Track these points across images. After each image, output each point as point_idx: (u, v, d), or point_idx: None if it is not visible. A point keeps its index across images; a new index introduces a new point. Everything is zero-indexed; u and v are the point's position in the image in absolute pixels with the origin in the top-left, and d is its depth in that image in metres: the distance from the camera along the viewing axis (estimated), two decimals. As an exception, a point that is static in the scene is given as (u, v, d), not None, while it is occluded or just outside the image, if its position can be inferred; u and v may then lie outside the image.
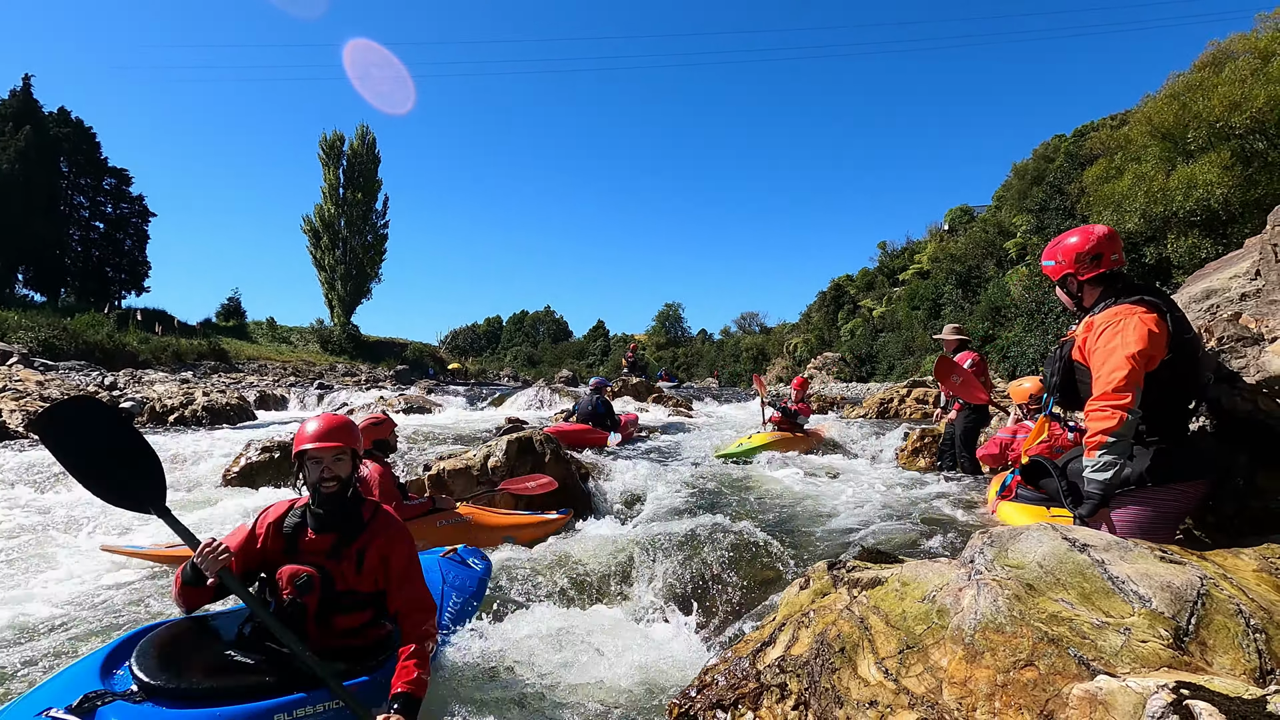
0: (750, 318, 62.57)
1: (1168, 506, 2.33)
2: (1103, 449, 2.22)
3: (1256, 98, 15.64)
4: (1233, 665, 1.50)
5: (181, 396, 12.55)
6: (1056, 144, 32.39)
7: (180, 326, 30.51)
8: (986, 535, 1.93)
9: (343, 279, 39.05)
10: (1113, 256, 2.52)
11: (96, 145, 35.75)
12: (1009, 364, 21.79)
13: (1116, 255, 2.53)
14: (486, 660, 2.49)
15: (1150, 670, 1.46)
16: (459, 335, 79.92)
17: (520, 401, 16.50)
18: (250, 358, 29.46)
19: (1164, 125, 17.84)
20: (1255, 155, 16.47)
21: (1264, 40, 17.11)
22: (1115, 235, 2.56)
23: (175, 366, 23.34)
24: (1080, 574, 1.71)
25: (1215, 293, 2.92)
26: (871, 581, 1.96)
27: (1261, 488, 2.43)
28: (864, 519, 4.39)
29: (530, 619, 2.89)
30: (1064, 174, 26.09)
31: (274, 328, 38.82)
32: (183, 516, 5.11)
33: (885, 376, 32.38)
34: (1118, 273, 2.53)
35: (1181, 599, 1.60)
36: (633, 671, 2.34)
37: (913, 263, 41.58)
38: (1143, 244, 18.65)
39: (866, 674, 1.67)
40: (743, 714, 1.79)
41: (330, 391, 18.61)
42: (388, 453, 4.58)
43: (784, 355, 47.11)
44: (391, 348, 40.63)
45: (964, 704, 1.51)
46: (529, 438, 5.52)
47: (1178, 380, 2.30)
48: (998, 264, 30.85)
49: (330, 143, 38.87)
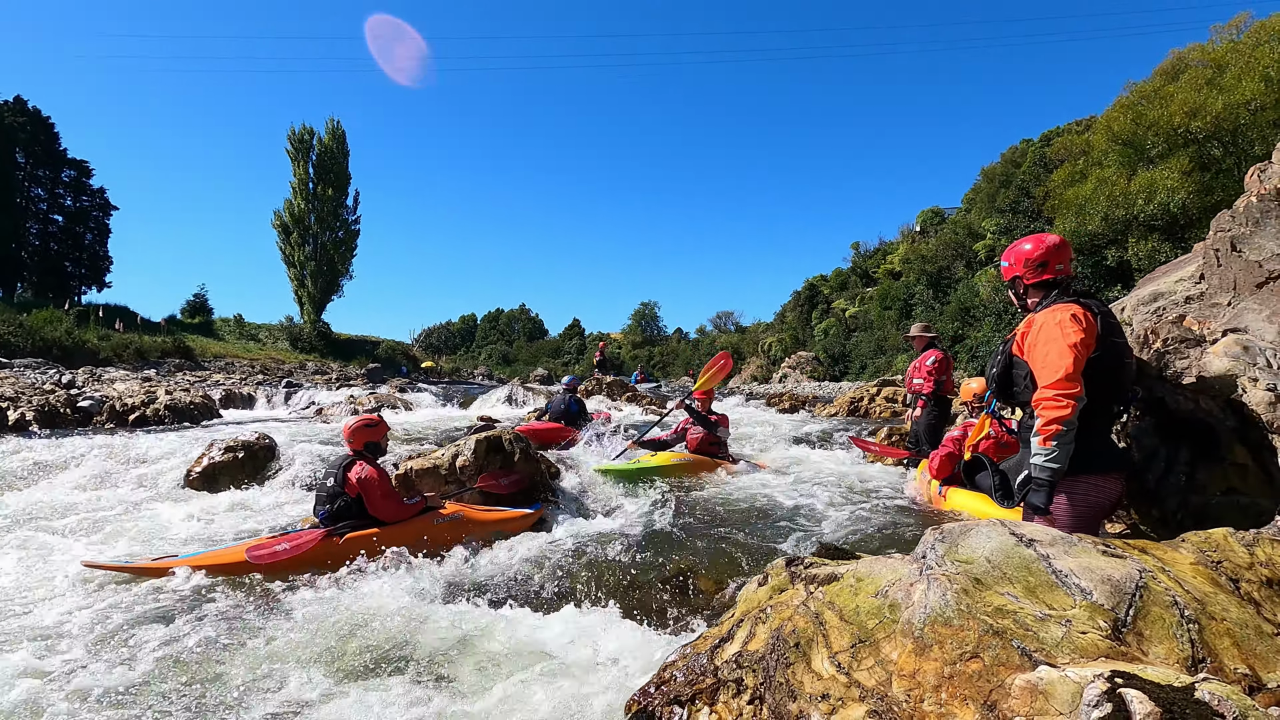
0: (726, 316, 63.06)
1: (1100, 495, 2.42)
2: (1055, 438, 2.30)
3: (1214, 105, 16.17)
4: (1167, 654, 1.55)
5: (143, 395, 12.24)
6: (1024, 148, 33.08)
7: (143, 323, 29.70)
8: (938, 531, 1.98)
9: (313, 275, 38.40)
10: (1058, 266, 2.62)
11: (55, 136, 34.63)
12: (977, 363, 22.23)
13: (1062, 265, 2.63)
14: (444, 656, 2.48)
15: (1089, 660, 1.50)
16: (433, 333, 79.16)
17: (493, 400, 16.40)
18: (216, 355, 28.82)
19: (1123, 133, 18.35)
20: (1212, 162, 17.03)
21: (1219, 51, 17.68)
22: (1065, 246, 2.66)
23: (137, 364, 22.72)
24: (1026, 568, 1.76)
25: (1162, 295, 3.02)
26: (828, 577, 1.99)
27: (1201, 483, 2.52)
28: (826, 515, 4.45)
29: (489, 615, 2.89)
30: (1031, 178, 26.68)
31: (242, 325, 38.00)
32: (140, 519, 5.02)
33: (858, 375, 32.80)
34: (1060, 280, 2.63)
35: (1121, 591, 1.66)
36: (591, 668, 2.34)
37: (885, 263, 42.16)
38: (1104, 246, 19.17)
39: (820, 668, 1.70)
40: (699, 709, 1.81)
41: (299, 390, 18.27)
42: (378, 455, 4.54)
43: (759, 354, 47.45)
44: (363, 346, 40.06)
45: (912, 696, 1.54)
46: (498, 437, 5.49)
47: (1105, 380, 2.38)
48: (967, 265, 31.45)
49: (299, 136, 38.18)
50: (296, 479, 6.27)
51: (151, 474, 6.41)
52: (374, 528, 4.17)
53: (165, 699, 2.29)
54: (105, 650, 2.72)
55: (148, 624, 2.98)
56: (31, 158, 33.56)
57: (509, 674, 2.35)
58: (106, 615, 3.12)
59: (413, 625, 2.80)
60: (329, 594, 3.38)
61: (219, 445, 6.53)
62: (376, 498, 4.18)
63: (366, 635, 2.72)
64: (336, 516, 4.17)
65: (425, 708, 2.18)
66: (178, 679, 2.44)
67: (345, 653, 2.58)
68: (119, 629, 2.95)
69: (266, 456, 6.64)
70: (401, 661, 2.50)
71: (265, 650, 2.63)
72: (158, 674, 2.48)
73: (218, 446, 6.51)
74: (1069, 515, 2.37)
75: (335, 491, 4.21)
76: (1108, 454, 2.42)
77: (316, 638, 2.70)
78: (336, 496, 4.19)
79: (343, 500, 4.18)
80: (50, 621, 3.05)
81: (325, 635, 2.73)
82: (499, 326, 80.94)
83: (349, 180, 39.48)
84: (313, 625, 2.83)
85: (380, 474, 4.26)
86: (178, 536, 4.74)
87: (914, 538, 3.69)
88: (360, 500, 4.18)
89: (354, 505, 4.19)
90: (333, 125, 39.12)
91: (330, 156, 38.66)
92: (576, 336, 71.58)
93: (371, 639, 2.68)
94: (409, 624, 2.81)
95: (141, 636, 2.83)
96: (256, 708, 2.23)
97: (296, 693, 2.28)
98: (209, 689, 2.36)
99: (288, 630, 2.81)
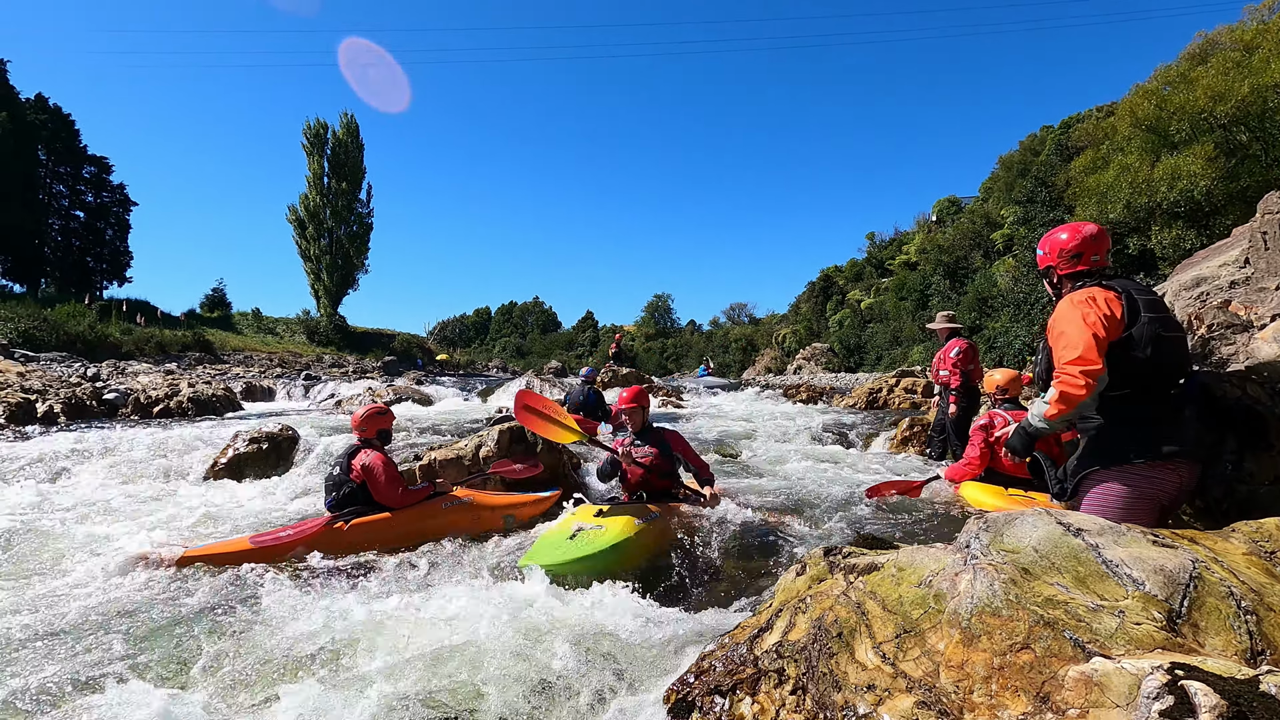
0: (739, 308, 62.67)
1: (1153, 486, 2.34)
2: (1063, 417, 2.37)
3: (1239, 89, 15.77)
4: (1224, 646, 1.52)
5: (166, 388, 12.41)
6: (1044, 135, 32.54)
7: (164, 318, 30.13)
8: (982, 520, 1.95)
9: (329, 269, 38.67)
10: (1094, 257, 2.57)
11: (75, 132, 35.08)
12: (996, 354, 21.97)
13: (1098, 256, 2.57)
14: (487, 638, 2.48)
15: (1144, 652, 1.47)
16: (447, 326, 79.56)
17: (511, 391, 16.45)
18: (236, 349, 29.14)
19: (1145, 118, 17.97)
20: (1238, 147, 16.64)
21: (1250, 33, 17.24)
22: (1103, 235, 2.59)
23: (159, 358, 23.04)
24: (1075, 558, 1.73)
25: (1205, 280, 2.94)
26: (868, 567, 1.96)
27: (1249, 471, 2.46)
28: (856, 506, 4.41)
29: (523, 598, 2.88)
30: (1050, 166, 26.24)
31: (259, 318, 38.40)
32: (165, 510, 5.09)
33: (873, 367, 32.54)
34: (1095, 271, 2.56)
35: (1174, 582, 1.62)
36: (627, 656, 2.33)
37: (900, 254, 41.73)
38: (1127, 235, 18.82)
39: (864, 658, 1.68)
40: (740, 699, 1.80)
41: (317, 383, 18.45)
42: (386, 442, 4.57)
43: (773, 346, 47.23)
44: (379, 339, 40.31)
45: (961, 686, 1.52)
46: (520, 427, 5.51)
47: (1147, 361, 2.30)
48: (985, 255, 31.05)
49: (314, 131, 38.38)
50: (320, 468, 6.33)
51: (179, 465, 6.50)
52: (380, 514, 4.20)
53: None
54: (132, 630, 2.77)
55: (145, 611, 3.06)
56: (53, 155, 34.03)
57: (538, 662, 2.34)
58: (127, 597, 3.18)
59: (410, 613, 2.81)
60: (332, 582, 3.43)
61: (243, 437, 6.60)
62: (380, 483, 4.19)
63: (371, 622, 2.72)
64: (343, 503, 4.20)
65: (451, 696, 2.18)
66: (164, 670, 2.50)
67: (346, 641, 2.59)
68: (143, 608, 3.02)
69: (290, 447, 6.71)
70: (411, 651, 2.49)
71: (270, 639, 2.65)
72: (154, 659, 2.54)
73: (242, 438, 6.59)
74: (1118, 505, 2.31)
75: (341, 479, 4.24)
76: (1163, 441, 2.31)
77: (317, 629, 2.71)
78: (342, 484, 4.23)
79: (348, 487, 4.21)
80: (85, 602, 3.11)
81: (325, 626, 2.73)
82: (513, 319, 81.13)
83: (363, 174, 39.67)
84: (313, 614, 2.85)
85: (385, 460, 4.28)
86: (201, 525, 4.80)
87: (946, 527, 3.65)
88: (365, 487, 4.21)
89: (359, 492, 4.21)
90: (347, 119, 39.30)
91: (344, 150, 38.83)
92: (590, 329, 71.57)
93: (372, 625, 2.69)
94: (406, 611, 2.82)
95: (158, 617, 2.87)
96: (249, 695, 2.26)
97: (285, 685, 2.30)
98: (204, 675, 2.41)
99: (289, 618, 2.85)
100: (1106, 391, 2.33)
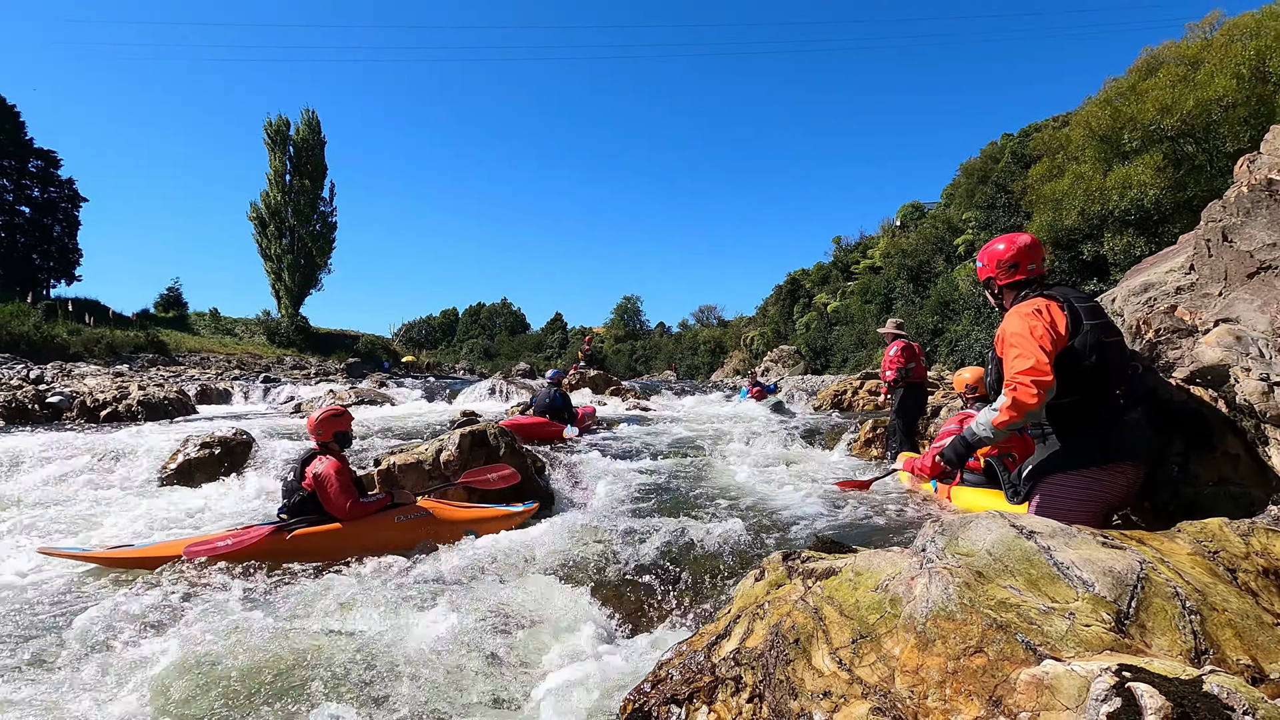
0: (708, 310, 62.95)
1: (1103, 488, 2.41)
2: (1009, 426, 2.36)
3: (1186, 102, 16.40)
4: (1170, 646, 1.54)
5: (115, 390, 11.94)
6: (1004, 144, 33.38)
7: (115, 318, 29.05)
8: (938, 524, 1.95)
9: (290, 269, 37.78)
10: (1030, 265, 2.65)
11: (21, 125, 33.60)
12: (957, 356, 22.47)
13: (1034, 265, 2.65)
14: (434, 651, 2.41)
15: (1093, 654, 1.48)
16: (413, 328, 78.32)
17: (477, 394, 16.24)
18: (191, 350, 28.26)
19: (1100, 129, 18.57)
20: (1185, 158, 17.30)
21: (1193, 48, 17.95)
22: (1037, 246, 2.68)
23: (109, 359, 22.21)
24: (1027, 561, 1.74)
25: (1153, 286, 3.03)
26: (826, 572, 1.95)
27: (1195, 473, 2.52)
28: (818, 509, 4.43)
29: (481, 611, 2.82)
30: (1009, 173, 26.94)
31: (217, 319, 37.31)
32: (115, 516, 4.88)
33: (839, 369, 32.99)
34: (1034, 279, 2.64)
35: (1122, 583, 1.64)
36: (585, 667, 2.29)
37: (866, 257, 42.40)
38: (1081, 241, 19.42)
39: (820, 664, 1.66)
40: (697, 708, 1.77)
41: (278, 385, 17.96)
42: (345, 445, 4.43)
43: (741, 348, 47.59)
44: (342, 340, 39.50)
45: (916, 691, 1.51)
46: (483, 431, 5.42)
47: (1092, 368, 2.38)
48: (947, 260, 31.71)
49: (276, 127, 37.51)
50: (276, 475, 6.14)
51: (125, 470, 6.24)
52: (329, 524, 4.05)
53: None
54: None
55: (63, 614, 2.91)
56: (-5, 147, 32.56)
57: (496, 675, 2.29)
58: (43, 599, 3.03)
59: (354, 632, 2.71)
60: (267, 594, 3.30)
61: (195, 441, 6.37)
62: (330, 494, 4.03)
63: (294, 641, 2.61)
64: (294, 511, 4.06)
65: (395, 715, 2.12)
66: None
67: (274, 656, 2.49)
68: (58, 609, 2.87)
69: (244, 452, 6.50)
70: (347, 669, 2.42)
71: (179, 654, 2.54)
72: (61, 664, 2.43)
73: (194, 442, 6.36)
74: (1070, 506, 2.36)
75: (293, 486, 4.10)
76: (1112, 444, 2.39)
77: (239, 644, 2.60)
78: (294, 491, 4.09)
79: (299, 495, 4.07)
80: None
81: (254, 641, 2.63)
82: (480, 320, 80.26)
83: (325, 172, 38.89)
84: (238, 629, 2.74)
85: (339, 469, 4.11)
86: (148, 532, 4.62)
87: (907, 529, 3.68)
88: (316, 496, 4.07)
89: (309, 501, 4.06)
90: (308, 116, 38.48)
91: (306, 147, 38.03)
92: (559, 330, 71.18)
93: (298, 645, 2.57)
94: (344, 631, 2.72)
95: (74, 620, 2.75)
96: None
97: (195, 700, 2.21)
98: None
99: (211, 630, 2.73)
100: (1055, 399, 2.37)
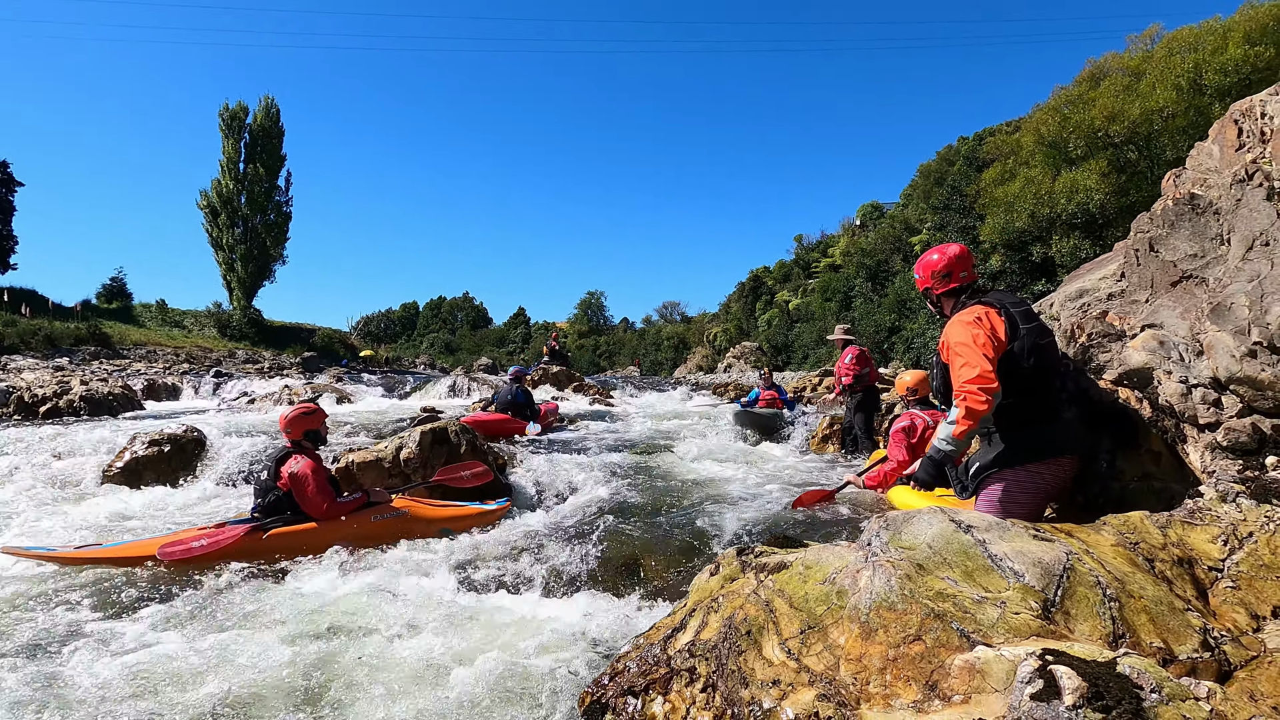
0: (672, 307, 63.42)
1: (1043, 481, 2.57)
2: (968, 434, 2.47)
3: (1131, 111, 17.13)
4: (1091, 631, 1.65)
5: (55, 385, 11.46)
6: (959, 147, 34.32)
7: (54, 308, 27.85)
8: (883, 519, 2.05)
9: (243, 259, 36.65)
10: (962, 273, 2.81)
11: (-51, 104, 31.89)
12: (913, 354, 23.08)
13: (966, 272, 2.81)
14: (398, 649, 2.43)
15: (1021, 640, 1.59)
16: (372, 321, 76.70)
17: (438, 390, 16.06)
18: (137, 343, 27.25)
19: (1049, 135, 19.28)
20: (1128, 165, 18.08)
21: (1135, 60, 18.74)
22: (967, 254, 2.85)
23: (48, 352, 21.27)
24: (964, 553, 1.84)
25: (1087, 292, 3.20)
26: (777, 566, 2.03)
27: (1121, 469, 2.69)
28: (775, 505, 4.55)
29: (443, 609, 2.84)
30: (964, 176, 27.72)
31: (165, 311, 35.98)
32: (56, 518, 4.72)
33: (800, 365, 33.58)
34: (968, 286, 2.80)
35: (1050, 573, 1.76)
36: (546, 661, 2.34)
37: (826, 256, 43.18)
38: (1030, 243, 20.13)
39: (770, 655, 1.74)
40: (653, 699, 1.83)
41: (229, 380, 17.45)
42: (319, 444, 4.36)
43: (704, 344, 47.98)
44: (298, 333, 38.50)
45: (858, 679, 1.60)
46: (444, 428, 5.39)
47: (1031, 368, 2.53)
48: (904, 259, 32.48)
49: (232, 113, 36.32)
50: (228, 473, 6.00)
51: (67, 469, 6.02)
52: (305, 524, 4.02)
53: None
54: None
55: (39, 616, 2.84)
56: (-78, 127, 30.79)
57: (457, 671, 2.31)
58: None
59: (330, 628, 2.72)
60: (249, 592, 3.27)
61: (142, 439, 6.18)
62: (307, 493, 4.00)
63: (273, 637, 2.63)
64: (269, 511, 4.01)
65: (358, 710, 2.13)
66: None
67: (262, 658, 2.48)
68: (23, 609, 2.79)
69: (195, 450, 6.33)
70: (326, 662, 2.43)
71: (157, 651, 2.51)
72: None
73: (141, 440, 6.16)
74: (1013, 499, 2.51)
75: (268, 485, 4.05)
76: (1050, 440, 2.56)
77: (219, 638, 2.60)
78: (269, 491, 4.04)
79: (274, 495, 4.02)
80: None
81: (232, 635, 2.62)
82: (441, 314, 79.18)
83: (283, 161, 37.80)
84: (218, 624, 2.72)
85: (315, 468, 4.08)
86: (93, 534, 4.47)
87: (859, 524, 3.81)
88: (292, 495, 4.03)
89: (285, 500, 4.03)
90: (267, 103, 37.36)
91: (264, 135, 36.91)
92: (522, 325, 70.70)
93: (277, 644, 2.58)
94: (319, 627, 2.73)
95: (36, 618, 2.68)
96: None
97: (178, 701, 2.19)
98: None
99: (192, 629, 2.71)
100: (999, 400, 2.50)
